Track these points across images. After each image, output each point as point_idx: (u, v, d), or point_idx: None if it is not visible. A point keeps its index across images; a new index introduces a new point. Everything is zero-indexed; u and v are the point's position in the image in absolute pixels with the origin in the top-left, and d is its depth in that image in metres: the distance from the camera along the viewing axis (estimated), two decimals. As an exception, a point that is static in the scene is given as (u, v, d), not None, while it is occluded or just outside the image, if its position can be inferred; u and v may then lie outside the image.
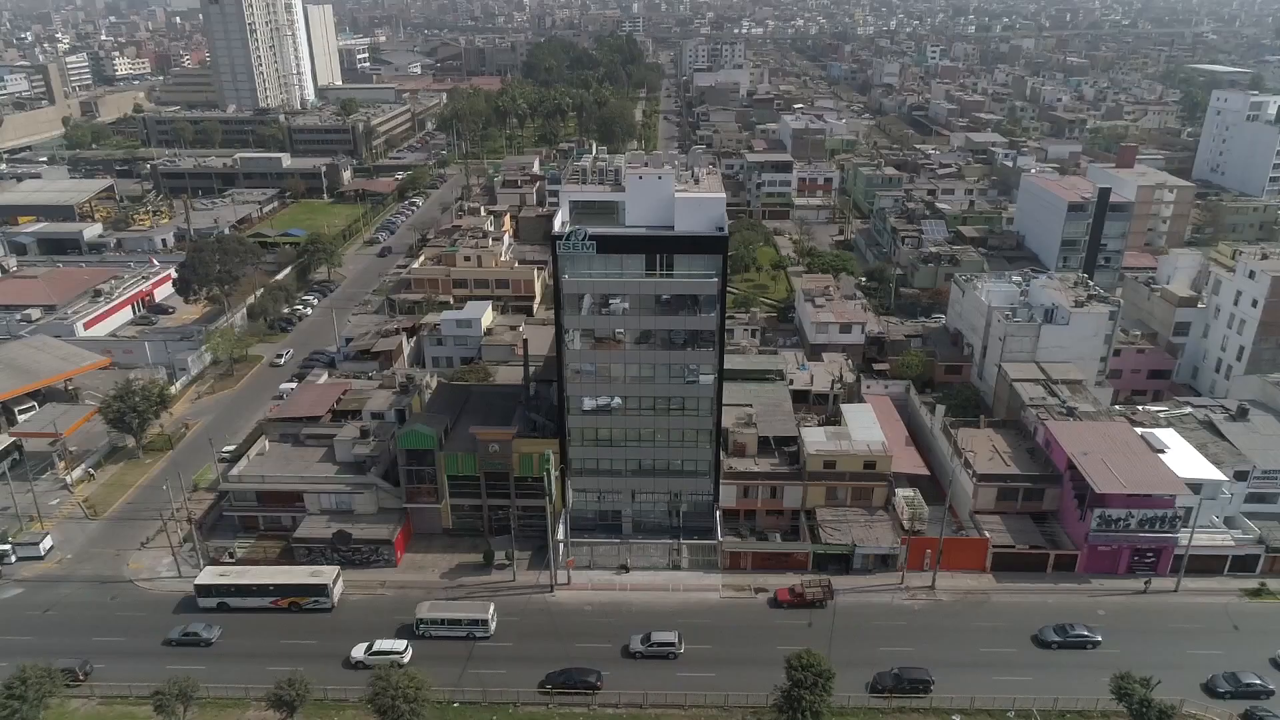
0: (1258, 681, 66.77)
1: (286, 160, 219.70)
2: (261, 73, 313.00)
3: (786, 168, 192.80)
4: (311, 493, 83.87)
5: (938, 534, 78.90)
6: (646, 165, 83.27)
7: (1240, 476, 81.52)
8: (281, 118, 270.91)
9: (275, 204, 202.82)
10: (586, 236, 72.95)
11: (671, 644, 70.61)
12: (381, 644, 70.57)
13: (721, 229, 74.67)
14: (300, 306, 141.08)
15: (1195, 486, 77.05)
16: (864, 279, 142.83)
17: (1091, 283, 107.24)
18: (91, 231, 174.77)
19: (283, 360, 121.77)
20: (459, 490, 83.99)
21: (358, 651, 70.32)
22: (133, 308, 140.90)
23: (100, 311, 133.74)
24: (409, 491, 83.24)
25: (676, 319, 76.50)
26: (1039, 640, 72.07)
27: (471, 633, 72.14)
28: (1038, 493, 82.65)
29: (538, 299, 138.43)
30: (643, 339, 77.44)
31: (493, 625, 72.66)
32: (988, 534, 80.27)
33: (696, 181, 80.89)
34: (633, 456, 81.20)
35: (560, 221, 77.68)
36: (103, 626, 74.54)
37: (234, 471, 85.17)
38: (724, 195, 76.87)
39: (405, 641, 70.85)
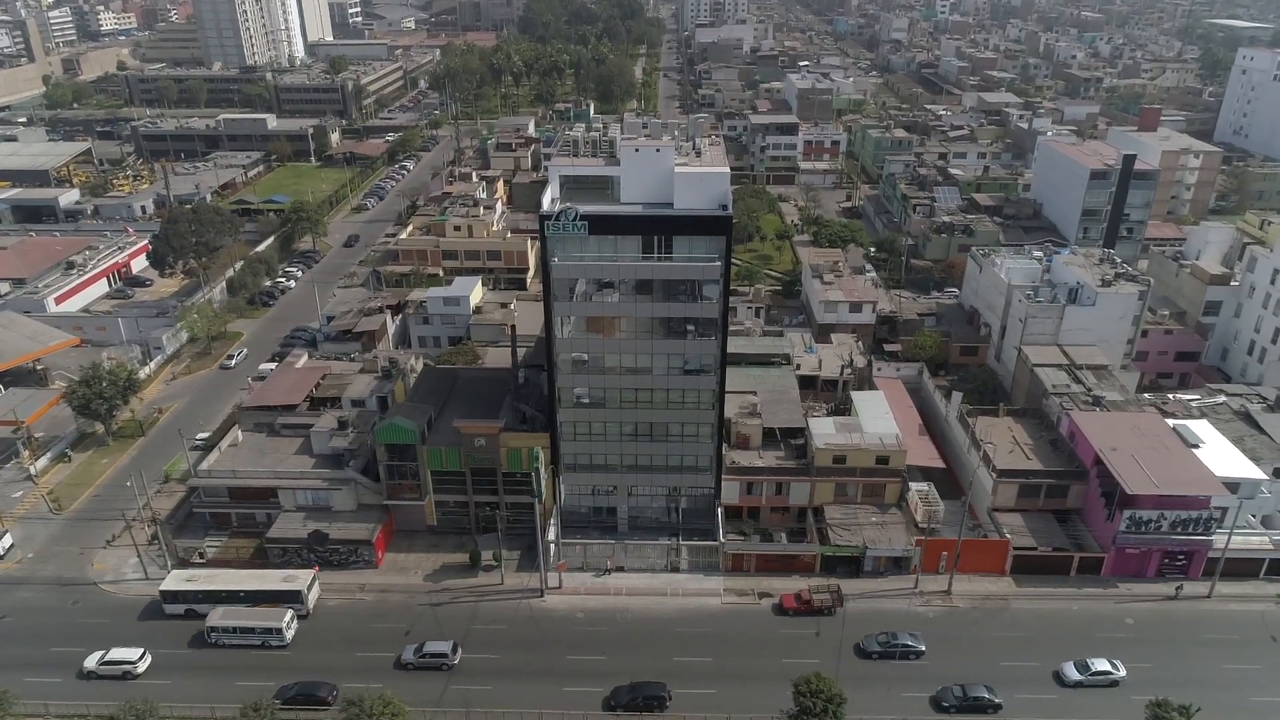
0: (985, 695, 62.22)
1: (272, 121, 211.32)
2: (248, 28, 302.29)
3: (792, 130, 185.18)
4: (286, 489, 78.58)
5: (953, 533, 73.80)
6: (646, 131, 76.69)
7: (1280, 474, 76.23)
8: (268, 76, 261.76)
9: (260, 168, 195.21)
10: (577, 216, 66.70)
11: (445, 655, 65.87)
12: (116, 653, 65.87)
13: (725, 207, 68.40)
14: (283, 279, 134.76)
15: (1233, 485, 71.78)
16: (873, 249, 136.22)
17: (1119, 259, 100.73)
18: (68, 198, 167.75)
19: (234, 362, 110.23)
20: (444, 486, 78.71)
21: (90, 662, 65.70)
22: (108, 280, 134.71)
23: (73, 285, 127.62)
24: (390, 488, 77.97)
25: (676, 305, 70.50)
26: (861, 650, 67.17)
27: (266, 641, 67.61)
28: (1062, 489, 77.28)
29: (531, 271, 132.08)
30: (639, 327, 71.52)
31: (289, 634, 67.87)
32: (1008, 534, 75.09)
33: (698, 153, 74.29)
34: (629, 451, 75.76)
35: (549, 199, 71.32)
36: (63, 634, 69.58)
37: (204, 465, 79.88)
38: (728, 169, 70.36)
39: (141, 649, 66.36)
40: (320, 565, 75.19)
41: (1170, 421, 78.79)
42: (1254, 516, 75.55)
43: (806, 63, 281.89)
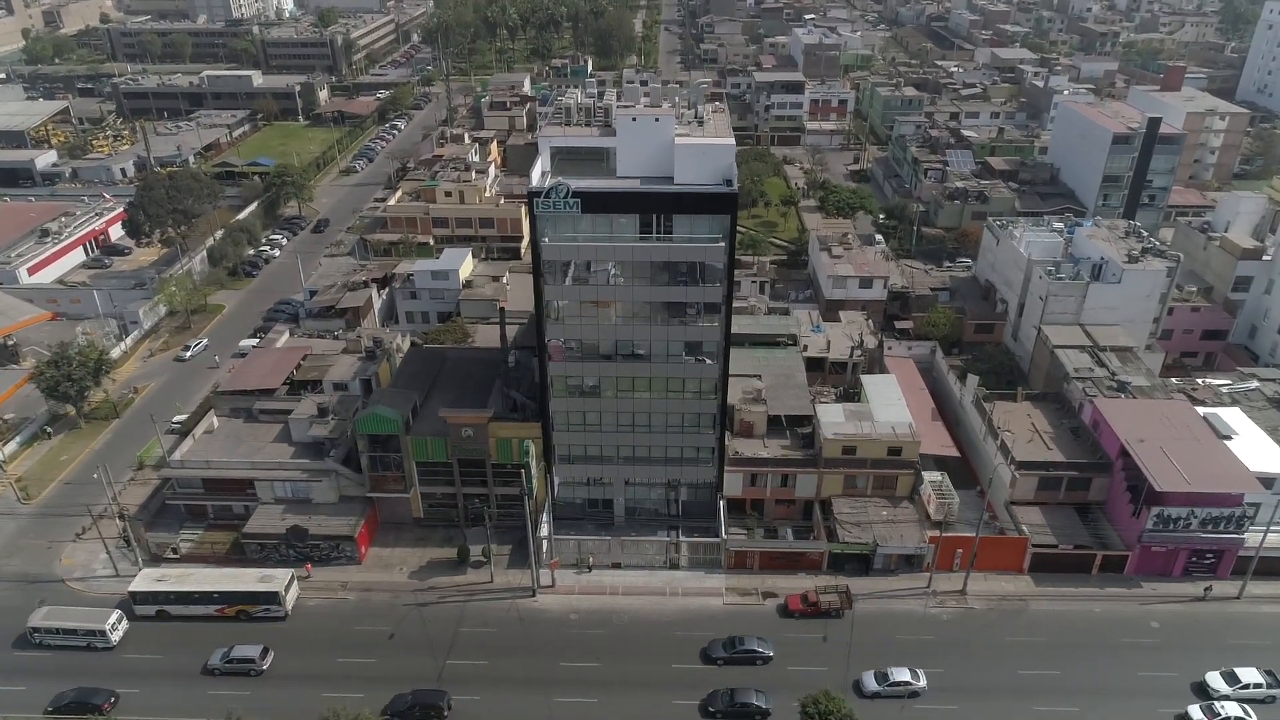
0: (754, 701, 58.94)
1: (258, 79, 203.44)
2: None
3: (798, 88, 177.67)
4: (263, 480, 74.30)
5: (968, 529, 69.62)
6: (645, 95, 70.90)
7: (1318, 467, 71.59)
8: (255, 30, 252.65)
9: (246, 127, 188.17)
10: (569, 194, 61.38)
11: (252, 660, 62.62)
12: None
13: (730, 182, 62.99)
14: (266, 248, 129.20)
15: (1267, 481, 67.41)
16: (882, 217, 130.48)
17: (1145, 232, 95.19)
18: (45, 160, 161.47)
19: (189, 354, 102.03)
20: (430, 477, 74.46)
21: None
22: (85, 248, 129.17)
23: (48, 254, 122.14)
24: (373, 479, 73.65)
25: (676, 289, 65.46)
26: (706, 656, 63.49)
27: (91, 643, 64.31)
28: (1084, 482, 72.92)
29: (526, 240, 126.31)
30: (637, 310, 66.55)
31: (114, 636, 64.49)
32: (1026, 530, 70.91)
33: (700, 122, 68.60)
34: (625, 442, 71.35)
35: (539, 172, 65.93)
36: (27, 638, 65.80)
37: (176, 455, 75.40)
38: (732, 141, 64.81)
39: None
40: (310, 563, 71.49)
41: (1200, 410, 74.21)
42: (1288, 511, 71.24)
43: (812, 15, 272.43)
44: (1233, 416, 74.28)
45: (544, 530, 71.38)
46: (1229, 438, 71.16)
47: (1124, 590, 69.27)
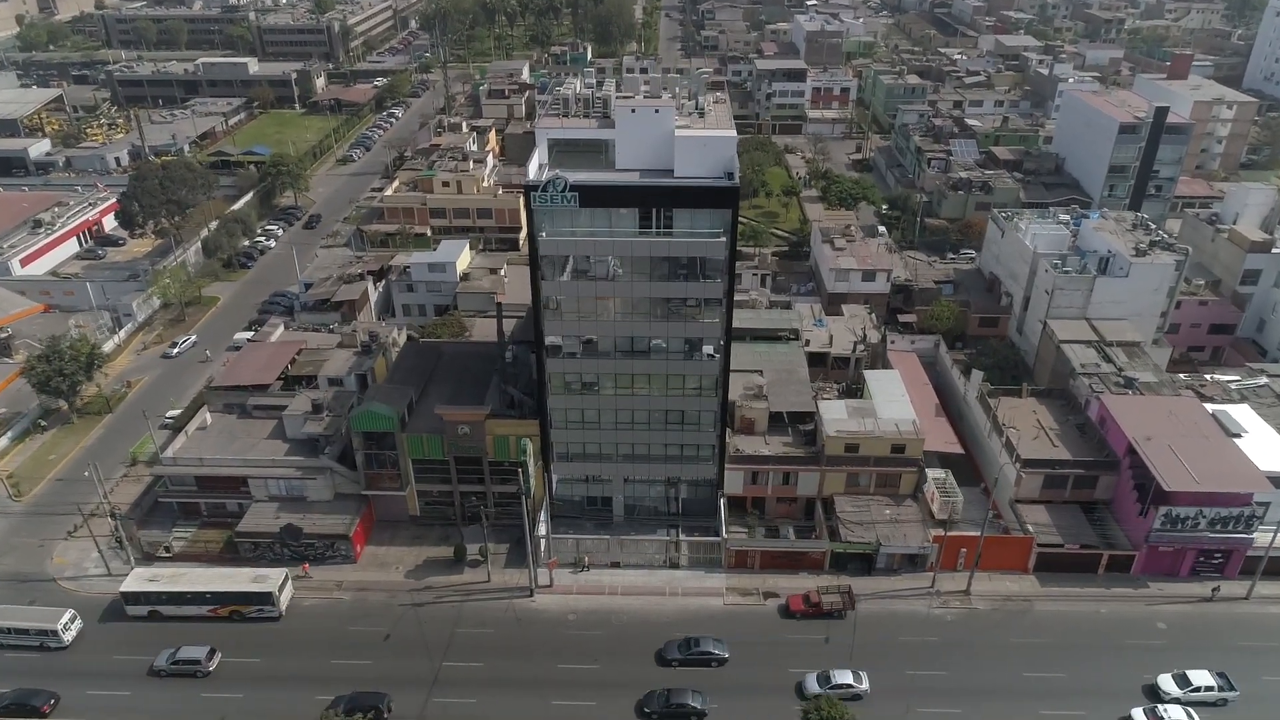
0: (690, 702, 58.20)
1: (254, 66, 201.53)
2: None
3: (800, 76, 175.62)
4: (257, 478, 73.19)
5: (973, 528, 68.56)
6: (645, 86, 69.40)
7: (1328, 465, 70.41)
8: (251, 16, 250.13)
9: (242, 115, 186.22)
10: (567, 187, 59.96)
11: (198, 661, 61.75)
12: None
13: (731, 175, 61.57)
14: (262, 238, 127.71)
15: (1278, 480, 66.21)
16: (885, 207, 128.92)
17: (1153, 225, 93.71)
18: (38, 149, 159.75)
19: (176, 351, 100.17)
20: (426, 475, 73.35)
21: None
22: (78, 239, 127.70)
23: (40, 245, 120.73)
24: (368, 477, 72.54)
25: (676, 284, 64.09)
26: (661, 658, 62.66)
27: (44, 643, 63.59)
28: (1090, 480, 71.78)
29: (524, 231, 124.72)
30: (636, 305, 65.26)
31: (67, 636, 63.70)
32: (1031, 530, 69.81)
33: (700, 113, 67.12)
34: (624, 440, 70.13)
35: (536, 165, 64.47)
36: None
37: (168, 452, 74.23)
38: (734, 133, 63.32)
39: None
40: (308, 563, 70.56)
41: (1209, 407, 72.99)
42: (1297, 511, 70.15)
43: (814, 2, 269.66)
44: (1241, 413, 73.05)
45: (542, 529, 70.36)
46: (1238, 435, 69.97)
47: (1130, 591, 68.25)
